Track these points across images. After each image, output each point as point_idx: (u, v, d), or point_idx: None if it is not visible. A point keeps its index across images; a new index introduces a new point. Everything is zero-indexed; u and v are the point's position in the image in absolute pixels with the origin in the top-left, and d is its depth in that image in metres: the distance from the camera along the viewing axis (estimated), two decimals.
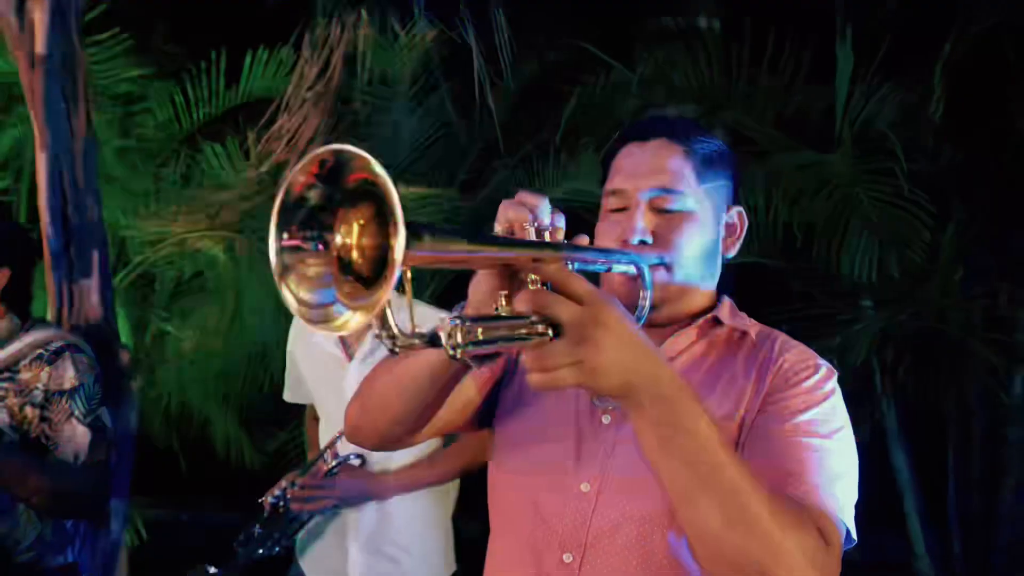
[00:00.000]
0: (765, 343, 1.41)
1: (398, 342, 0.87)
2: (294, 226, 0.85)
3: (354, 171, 0.80)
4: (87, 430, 2.30)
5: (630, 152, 1.46)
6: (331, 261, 0.85)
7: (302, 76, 4.36)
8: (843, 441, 1.27)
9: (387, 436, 1.44)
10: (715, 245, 1.47)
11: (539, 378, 0.97)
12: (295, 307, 0.85)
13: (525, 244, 1.06)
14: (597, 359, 0.96)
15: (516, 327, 0.98)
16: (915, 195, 3.43)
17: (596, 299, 0.99)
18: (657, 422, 1.03)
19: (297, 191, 0.84)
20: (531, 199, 1.15)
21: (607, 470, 1.34)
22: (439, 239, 0.87)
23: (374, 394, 1.40)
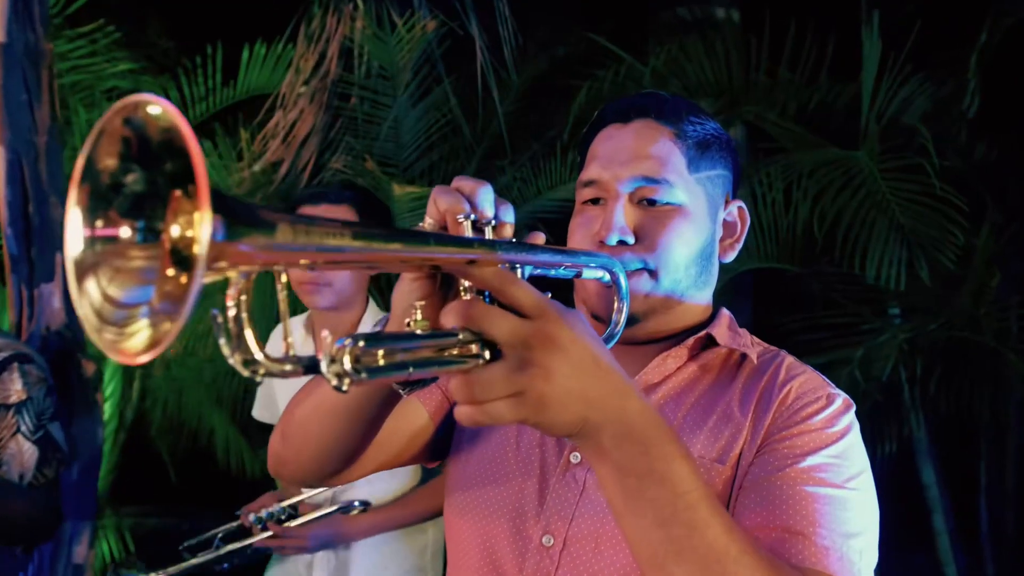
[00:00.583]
0: (768, 368, 1.18)
1: (259, 368, 0.64)
2: (112, 212, 0.63)
3: (158, 135, 0.58)
4: (34, 447, 2.14)
5: (609, 135, 1.23)
6: (160, 255, 0.63)
7: (298, 70, 4.19)
8: (860, 490, 1.04)
9: (314, 471, 1.21)
10: (710, 246, 1.24)
11: (468, 412, 0.75)
12: (96, 302, 0.62)
13: (444, 241, 0.82)
14: (544, 389, 0.75)
15: (439, 348, 0.76)
16: (947, 194, 3.15)
17: (544, 311, 0.77)
18: (622, 469, 0.81)
19: (108, 174, 0.62)
20: (468, 185, 0.92)
21: (575, 519, 1.12)
22: (304, 232, 0.65)
23: (294, 423, 1.18)
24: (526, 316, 0.77)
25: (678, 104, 1.25)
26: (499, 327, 0.75)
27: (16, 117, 2.58)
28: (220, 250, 0.57)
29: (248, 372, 0.64)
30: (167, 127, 0.57)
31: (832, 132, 3.95)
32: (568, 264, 1.04)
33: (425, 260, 0.83)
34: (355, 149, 4.19)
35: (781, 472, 1.04)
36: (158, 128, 0.58)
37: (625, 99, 1.28)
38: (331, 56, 3.98)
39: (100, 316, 0.63)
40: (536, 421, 0.77)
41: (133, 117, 0.59)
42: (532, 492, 1.17)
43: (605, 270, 1.10)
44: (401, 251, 0.77)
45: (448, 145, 4.57)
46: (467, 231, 0.89)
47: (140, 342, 0.60)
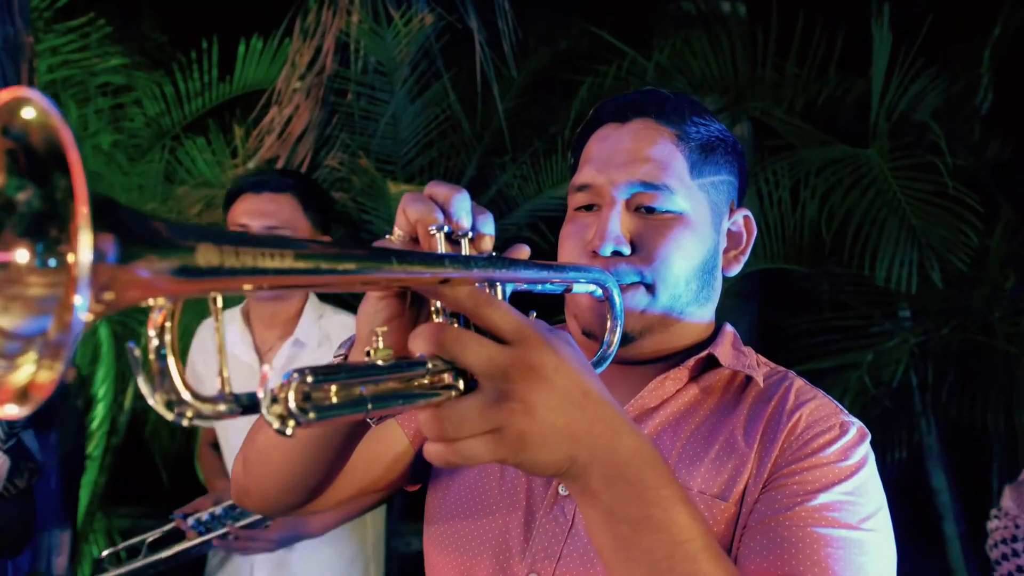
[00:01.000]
0: (775, 392, 1.07)
1: (187, 410, 0.55)
2: (6, 234, 0.54)
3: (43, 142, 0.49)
4: (5, 457, 2.07)
5: (605, 135, 1.13)
6: (64, 283, 0.54)
7: (294, 65, 4.11)
8: (876, 531, 0.94)
9: (279, 502, 1.12)
10: (712, 259, 1.13)
11: (439, 450, 0.66)
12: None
13: (408, 259, 0.70)
14: (525, 425, 0.66)
15: (404, 379, 0.67)
16: (960, 193, 3.03)
17: (526, 336, 0.68)
18: (614, 514, 0.72)
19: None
20: (442, 191, 0.82)
21: (563, 556, 1.03)
22: (234, 254, 0.55)
23: (255, 451, 1.09)
24: (505, 341, 0.68)
25: (680, 103, 1.14)
26: (474, 354, 0.66)
27: None
28: (111, 276, 0.48)
29: (173, 415, 0.55)
30: (48, 130, 0.48)
31: (840, 129, 3.84)
32: (556, 280, 0.94)
33: (389, 281, 0.73)
34: (351, 146, 4.10)
35: (790, 511, 0.93)
36: (41, 134, 0.49)
37: (622, 97, 1.17)
38: (327, 51, 3.89)
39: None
40: (517, 461, 0.68)
41: (12, 124, 0.50)
42: (517, 527, 1.07)
43: (598, 285, 1.00)
44: (357, 271, 0.66)
45: (447, 142, 4.48)
46: (440, 244, 0.79)
47: (22, 378, 0.51)
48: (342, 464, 1.07)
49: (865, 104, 3.72)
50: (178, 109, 4.62)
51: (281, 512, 1.18)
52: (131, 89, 4.58)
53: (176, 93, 4.57)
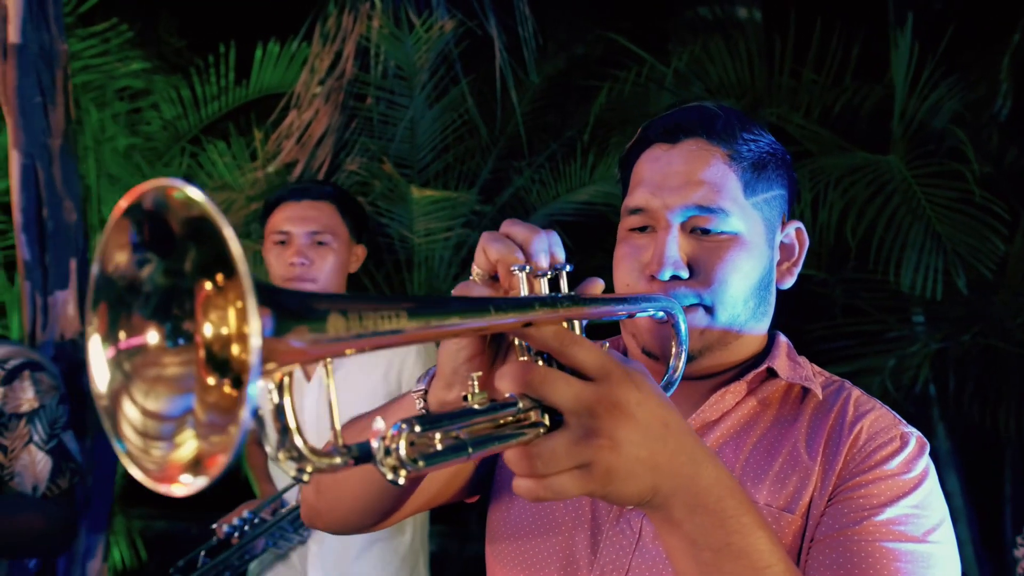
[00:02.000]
0: (834, 403, 1.09)
1: (307, 466, 0.57)
2: (135, 317, 0.56)
3: (183, 222, 0.51)
4: (48, 457, 2.08)
5: (655, 157, 1.12)
6: (194, 359, 0.56)
7: (313, 70, 4.12)
8: (942, 543, 0.96)
9: (351, 523, 1.14)
10: (768, 275, 1.14)
11: (529, 487, 0.68)
12: (136, 421, 0.55)
13: (504, 306, 0.72)
14: (611, 460, 0.68)
15: (496, 420, 0.68)
16: (986, 201, 3.05)
17: (609, 373, 0.70)
18: (696, 542, 0.74)
19: (123, 273, 0.55)
20: (522, 232, 0.84)
21: (631, 569, 1.04)
22: (358, 320, 0.57)
23: (330, 477, 1.08)
24: (589, 378, 0.70)
25: (730, 120, 1.13)
26: (562, 393, 0.68)
27: (30, 120, 2.51)
28: (269, 349, 0.50)
29: (295, 471, 0.57)
30: (188, 210, 0.50)
31: (857, 135, 3.87)
32: (625, 311, 0.95)
33: (486, 330, 0.75)
34: (370, 150, 4.12)
35: (858, 526, 0.95)
36: (176, 213, 0.51)
37: (670, 115, 1.17)
38: (347, 56, 3.91)
39: (146, 435, 0.56)
40: (603, 493, 0.70)
41: (145, 205, 0.52)
42: (584, 541, 1.08)
43: (666, 312, 1.01)
44: (460, 324, 0.69)
45: (464, 146, 4.50)
46: (522, 284, 0.81)
47: (187, 454, 0.53)
48: (416, 488, 1.09)
49: (882, 110, 3.75)
50: (195, 113, 4.63)
51: (348, 532, 1.19)
52: (148, 93, 4.59)
53: (193, 97, 4.59)
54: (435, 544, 5.40)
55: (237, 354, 0.52)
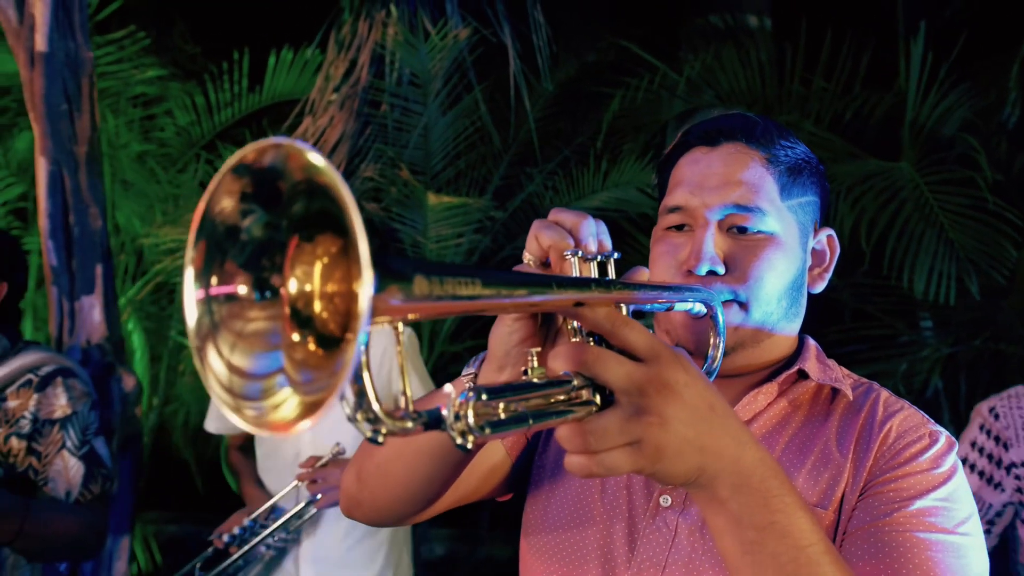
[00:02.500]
0: (864, 403, 1.11)
1: (382, 427, 0.59)
2: (228, 263, 0.58)
3: (296, 179, 0.54)
4: (80, 463, 2.10)
5: (695, 159, 1.15)
6: (280, 315, 0.59)
7: (328, 76, 4.16)
8: (972, 535, 0.99)
9: (392, 513, 1.16)
10: (800, 277, 1.16)
11: (580, 462, 0.70)
12: (223, 376, 0.57)
13: (564, 283, 0.76)
14: (661, 437, 0.71)
15: (551, 396, 0.71)
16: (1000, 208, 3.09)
17: (660, 354, 0.73)
18: (741, 520, 0.77)
19: (225, 218, 0.57)
20: (571, 218, 0.87)
21: (668, 564, 1.07)
22: (439, 282, 0.60)
23: (374, 464, 1.13)
24: (639, 359, 0.73)
25: (768, 126, 1.18)
26: (614, 372, 0.71)
27: (57, 127, 2.54)
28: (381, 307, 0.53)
29: (371, 432, 0.59)
30: (305, 171, 0.53)
31: (867, 142, 3.90)
32: (668, 299, 0.98)
33: (546, 306, 0.78)
34: (384, 156, 4.16)
35: (889, 518, 0.97)
36: (291, 172, 0.54)
37: (710, 121, 1.21)
38: (363, 63, 3.94)
39: (231, 392, 0.58)
40: (652, 471, 0.72)
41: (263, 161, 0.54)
42: (621, 536, 1.11)
43: (704, 304, 1.04)
44: (528, 296, 0.72)
45: (476, 152, 4.54)
46: (574, 268, 0.84)
47: (291, 412, 0.56)
48: (456, 477, 1.11)
49: (891, 118, 3.79)
50: (208, 119, 4.67)
51: (389, 523, 1.22)
52: (161, 100, 4.63)
53: (207, 103, 4.63)
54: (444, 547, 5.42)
55: (339, 308, 0.54)
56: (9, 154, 4.61)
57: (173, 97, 4.59)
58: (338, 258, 0.58)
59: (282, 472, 2.34)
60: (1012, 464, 1.75)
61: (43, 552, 2.03)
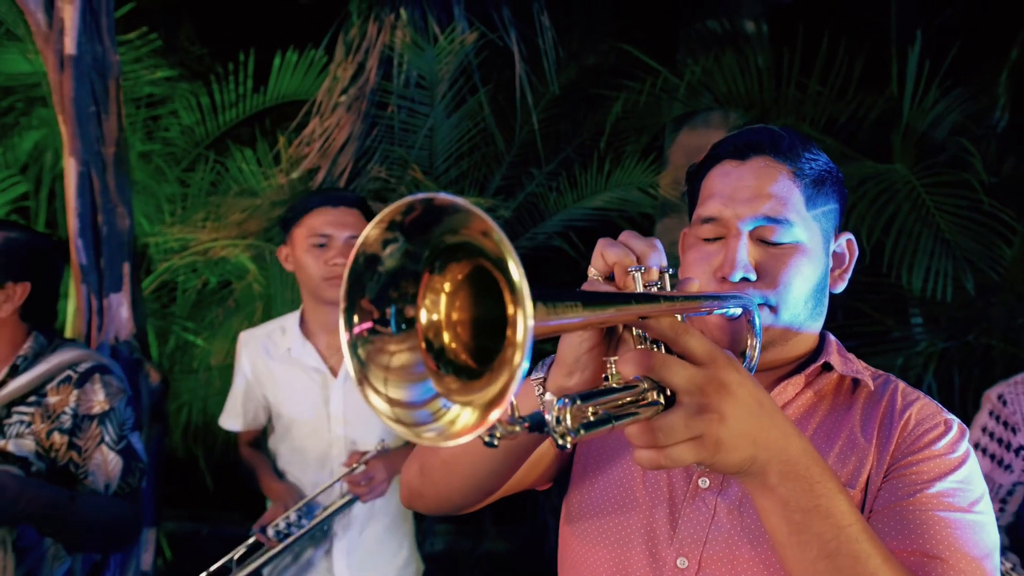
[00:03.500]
0: (884, 393, 1.21)
1: (497, 432, 0.68)
2: (365, 299, 0.66)
3: (448, 227, 0.63)
4: (118, 457, 2.14)
5: (726, 172, 1.24)
6: (418, 346, 0.67)
7: (336, 78, 4.22)
8: (985, 512, 1.09)
9: (452, 503, 1.25)
10: (823, 280, 1.26)
11: (650, 456, 0.80)
12: (387, 411, 0.66)
13: (640, 299, 0.86)
14: (720, 431, 0.81)
15: (626, 398, 0.80)
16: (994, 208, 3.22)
17: (717, 358, 0.83)
18: (788, 504, 0.87)
19: (371, 250, 0.65)
20: (639, 244, 0.96)
21: (708, 542, 1.16)
22: (553, 308, 0.69)
23: (438, 459, 1.21)
24: (698, 363, 0.82)
25: (793, 140, 1.27)
26: (677, 376, 0.80)
27: (85, 128, 2.59)
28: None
29: (488, 437, 0.68)
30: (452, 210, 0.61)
31: (860, 145, 4.03)
32: (712, 306, 1.08)
33: (623, 319, 0.87)
34: (390, 157, 4.23)
35: (912, 498, 1.07)
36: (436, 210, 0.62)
37: (738, 135, 1.30)
38: (371, 65, 4.01)
39: (402, 422, 0.66)
40: (712, 462, 0.82)
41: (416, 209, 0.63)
42: (663, 518, 1.19)
43: (743, 308, 1.13)
44: (616, 315, 0.83)
45: (480, 153, 4.61)
46: (637, 283, 0.93)
47: (470, 419, 0.64)
48: (516, 469, 1.20)
49: (885, 121, 3.91)
50: (213, 119, 4.72)
51: (447, 512, 1.31)
52: (167, 99, 4.67)
53: (212, 103, 4.67)
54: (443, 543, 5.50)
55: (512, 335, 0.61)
56: (10, 153, 4.63)
57: (179, 97, 4.63)
58: (470, 287, 0.67)
59: (310, 465, 2.39)
60: (1021, 447, 1.86)
61: (85, 543, 2.08)
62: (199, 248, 4.20)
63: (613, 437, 1.27)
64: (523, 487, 1.33)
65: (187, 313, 4.61)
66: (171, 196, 4.39)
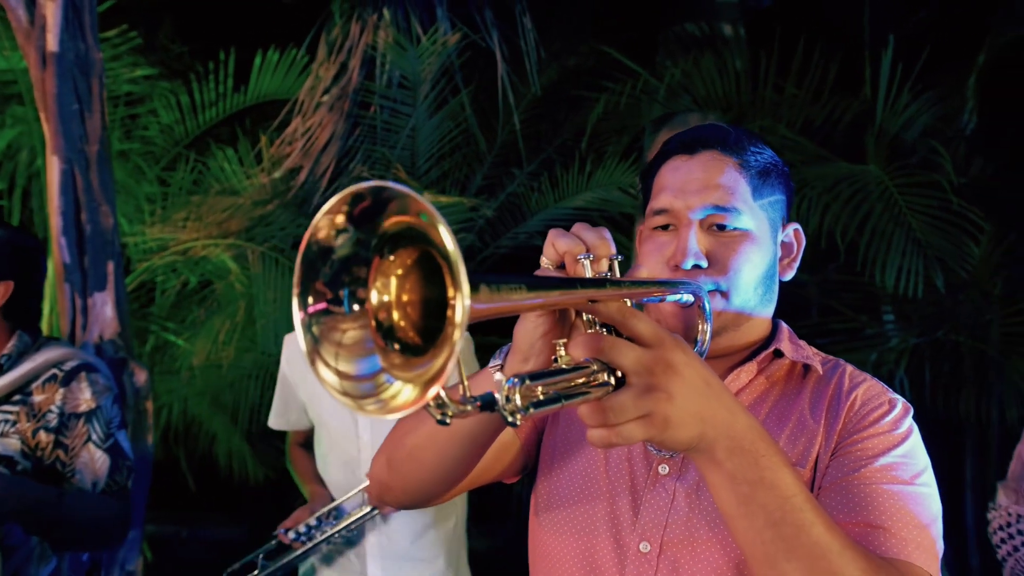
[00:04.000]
0: (832, 376, 1.26)
1: (448, 411, 0.71)
2: (319, 283, 0.70)
3: (393, 213, 0.66)
4: (105, 455, 2.14)
5: (676, 166, 1.29)
6: (368, 324, 0.71)
7: (318, 77, 4.23)
8: (927, 485, 1.13)
9: (419, 495, 1.28)
10: (772, 267, 1.29)
11: (601, 434, 0.83)
12: (335, 384, 0.70)
13: (587, 284, 0.90)
14: (668, 409, 0.84)
15: (576, 379, 0.84)
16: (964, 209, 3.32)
17: (663, 340, 0.86)
18: (735, 477, 0.91)
19: (322, 237, 0.69)
20: (589, 235, 0.99)
21: (668, 526, 1.20)
22: (496, 290, 0.72)
23: (404, 451, 1.23)
24: (645, 344, 0.86)
25: (739, 135, 1.32)
26: (626, 357, 0.83)
27: (68, 127, 2.59)
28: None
29: (440, 415, 0.72)
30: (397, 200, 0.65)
31: (835, 146, 4.12)
32: (664, 292, 1.12)
33: (570, 302, 0.91)
34: (372, 157, 4.25)
35: (857, 473, 1.11)
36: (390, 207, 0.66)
37: (688, 132, 1.35)
38: (353, 65, 4.03)
39: (348, 394, 0.70)
40: (661, 439, 0.86)
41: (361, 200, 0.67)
42: (626, 505, 1.23)
43: (693, 295, 1.17)
44: (560, 296, 0.87)
45: (461, 153, 4.65)
46: (586, 270, 0.97)
47: (410, 396, 0.67)
48: (479, 459, 1.22)
49: (859, 123, 4.00)
50: (192, 118, 4.70)
51: (417, 505, 1.34)
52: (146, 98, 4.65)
53: (192, 102, 4.65)
54: None
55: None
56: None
57: (158, 96, 4.61)
58: (419, 271, 0.71)
59: (342, 468, 2.41)
60: None
61: (73, 541, 2.08)
62: (179, 248, 4.18)
63: (576, 429, 1.31)
64: (490, 478, 1.36)
65: (166, 313, 4.59)
66: (151, 195, 4.37)
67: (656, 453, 1.23)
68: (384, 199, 0.66)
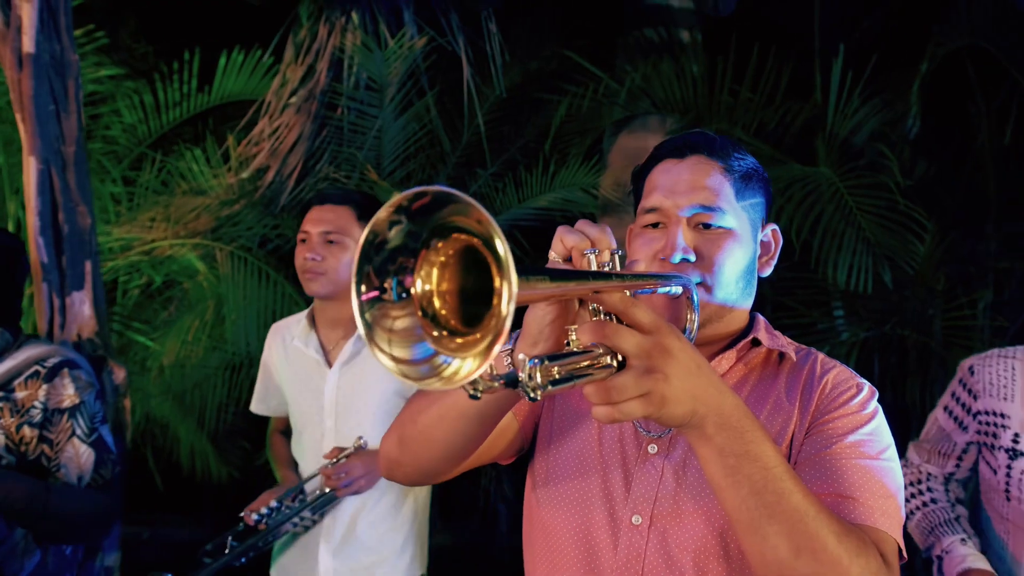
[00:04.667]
0: (805, 363, 1.39)
1: (479, 386, 0.82)
2: (371, 271, 0.79)
3: (447, 215, 0.75)
4: (90, 450, 2.18)
5: (666, 169, 1.41)
6: (415, 313, 0.80)
7: (285, 79, 4.26)
8: (891, 460, 1.27)
9: (428, 472, 1.37)
10: (752, 263, 1.42)
11: (605, 411, 0.94)
12: (394, 368, 0.79)
13: (596, 276, 1.01)
14: (665, 389, 0.95)
15: (583, 361, 0.94)
16: (910, 209, 3.52)
17: (660, 327, 0.97)
18: (723, 451, 1.02)
19: (381, 229, 0.77)
20: (593, 231, 1.09)
21: (657, 500, 1.32)
22: (527, 280, 0.82)
23: (416, 429, 1.32)
24: (645, 331, 0.97)
25: (724, 142, 1.45)
26: (628, 342, 0.93)
27: (45, 127, 2.60)
28: None
29: (472, 390, 0.83)
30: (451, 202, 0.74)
31: (788, 148, 4.30)
32: (657, 284, 1.23)
33: (579, 292, 1.02)
34: (339, 157, 4.30)
35: (829, 448, 1.24)
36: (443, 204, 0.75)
37: (678, 138, 1.48)
38: (321, 67, 4.07)
39: (409, 377, 0.79)
40: (658, 416, 0.97)
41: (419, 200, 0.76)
42: (618, 481, 1.33)
43: (683, 287, 1.28)
44: (576, 288, 0.98)
45: (426, 155, 4.72)
46: (592, 263, 1.07)
47: (472, 367, 0.76)
48: (485, 437, 1.32)
49: (810, 127, 4.19)
50: (156, 118, 4.69)
51: (425, 481, 1.43)
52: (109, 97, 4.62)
53: (155, 102, 4.64)
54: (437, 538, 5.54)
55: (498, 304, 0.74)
56: None
57: (121, 96, 4.59)
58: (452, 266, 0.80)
59: (308, 453, 2.47)
60: (978, 412, 2.10)
61: (59, 534, 2.11)
62: (145, 247, 4.18)
63: (572, 412, 1.42)
64: (489, 458, 1.45)
65: (130, 312, 4.57)
66: (116, 195, 4.35)
67: (645, 434, 1.35)
68: (442, 200, 0.75)
